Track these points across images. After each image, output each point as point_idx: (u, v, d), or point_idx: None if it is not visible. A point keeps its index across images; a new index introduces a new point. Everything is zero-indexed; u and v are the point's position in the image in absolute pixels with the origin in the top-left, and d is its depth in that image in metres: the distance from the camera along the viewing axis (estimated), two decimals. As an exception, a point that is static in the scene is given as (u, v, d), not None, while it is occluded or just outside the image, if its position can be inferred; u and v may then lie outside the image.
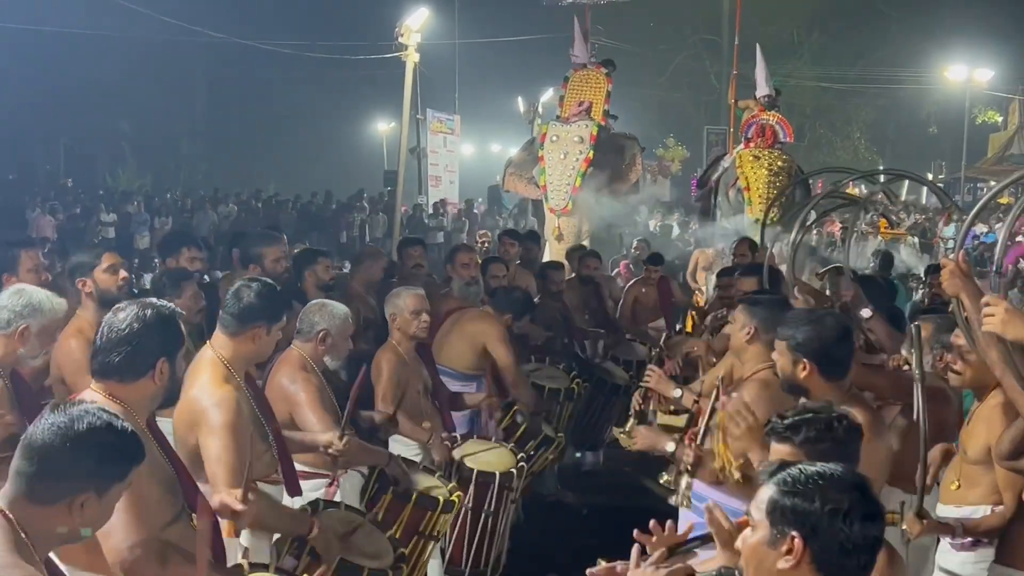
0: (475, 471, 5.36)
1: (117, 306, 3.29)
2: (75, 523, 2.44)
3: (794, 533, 2.15)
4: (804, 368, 3.88)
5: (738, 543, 2.32)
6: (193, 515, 3.32)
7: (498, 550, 5.59)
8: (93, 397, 3.14)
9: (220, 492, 3.50)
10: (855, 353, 4.25)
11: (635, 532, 2.81)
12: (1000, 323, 3.12)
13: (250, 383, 4.07)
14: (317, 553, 3.73)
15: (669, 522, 2.94)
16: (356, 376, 5.51)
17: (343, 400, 5.13)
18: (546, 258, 12.07)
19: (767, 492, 2.23)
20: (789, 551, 2.14)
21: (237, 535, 3.78)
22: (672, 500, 4.20)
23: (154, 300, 3.36)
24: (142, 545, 3.03)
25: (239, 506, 3.43)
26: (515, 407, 6.25)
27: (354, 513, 4.32)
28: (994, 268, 3.51)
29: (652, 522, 2.88)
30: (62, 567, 2.59)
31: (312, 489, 4.57)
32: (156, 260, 7.56)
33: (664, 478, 4.32)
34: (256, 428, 3.97)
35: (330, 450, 4.38)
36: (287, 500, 4.25)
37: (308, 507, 4.03)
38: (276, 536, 3.87)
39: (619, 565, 2.71)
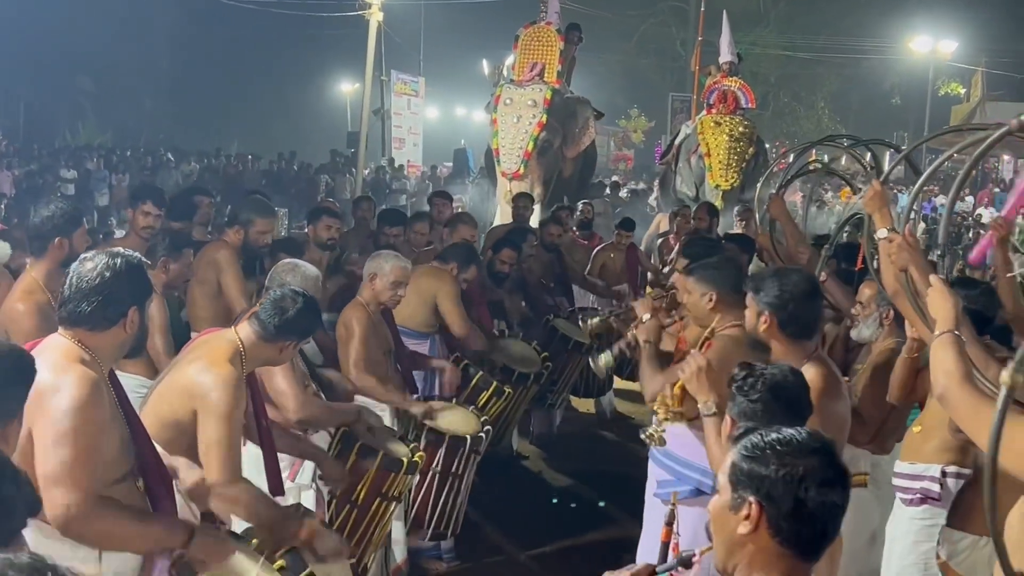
0: (447, 435, 5.31)
1: (84, 256, 3.20)
2: None
3: (752, 498, 2.10)
4: (765, 321, 3.73)
5: None
6: (139, 479, 3.26)
7: (459, 510, 5.61)
8: (59, 342, 3.10)
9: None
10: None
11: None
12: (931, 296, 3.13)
13: (251, 379, 3.95)
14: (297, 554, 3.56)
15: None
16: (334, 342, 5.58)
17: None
18: (497, 222, 12.07)
19: (731, 456, 2.18)
20: (747, 516, 2.10)
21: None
22: (643, 435, 4.15)
23: (121, 249, 3.25)
24: (86, 497, 2.92)
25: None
26: (465, 360, 6.28)
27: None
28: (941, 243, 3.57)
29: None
30: None
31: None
32: (112, 220, 7.38)
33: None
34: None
35: None
36: None
37: (293, 508, 3.83)
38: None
39: None
